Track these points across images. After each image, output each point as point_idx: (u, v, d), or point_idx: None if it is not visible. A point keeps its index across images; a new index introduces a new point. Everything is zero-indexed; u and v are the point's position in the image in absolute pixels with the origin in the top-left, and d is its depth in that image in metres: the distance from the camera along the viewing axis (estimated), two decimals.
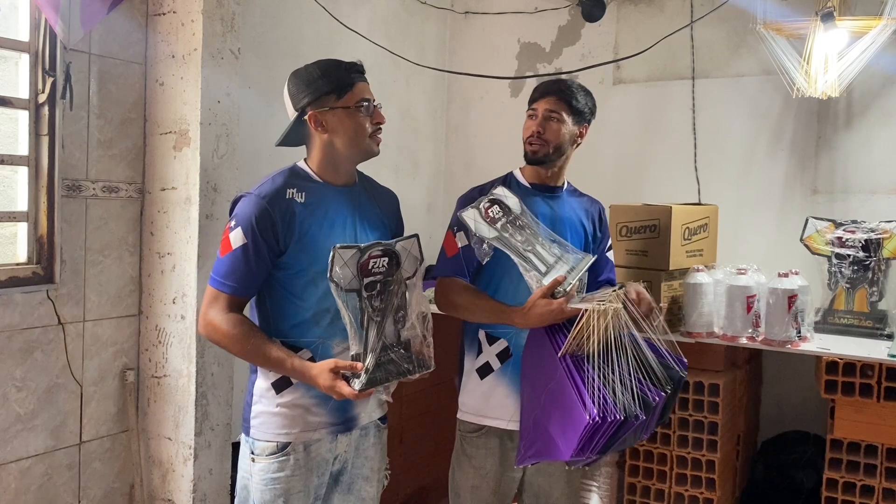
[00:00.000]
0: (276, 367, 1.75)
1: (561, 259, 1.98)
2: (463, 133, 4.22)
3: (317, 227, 1.80)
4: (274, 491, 1.81)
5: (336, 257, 1.65)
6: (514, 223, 2.02)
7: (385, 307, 1.72)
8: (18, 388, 2.39)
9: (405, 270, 1.76)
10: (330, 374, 1.67)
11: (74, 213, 2.50)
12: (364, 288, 1.69)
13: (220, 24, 2.62)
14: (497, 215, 2.02)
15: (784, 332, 2.50)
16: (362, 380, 1.65)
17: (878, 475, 2.45)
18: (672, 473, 2.73)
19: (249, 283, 1.78)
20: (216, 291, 1.78)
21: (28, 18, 2.38)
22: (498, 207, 2.03)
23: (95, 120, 2.55)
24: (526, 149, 2.15)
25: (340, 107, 1.81)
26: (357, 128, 1.83)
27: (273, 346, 1.75)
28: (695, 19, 3.33)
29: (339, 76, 1.82)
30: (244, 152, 2.77)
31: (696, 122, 3.52)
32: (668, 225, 2.71)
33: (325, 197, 1.85)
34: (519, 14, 3.96)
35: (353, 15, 3.41)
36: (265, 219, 1.76)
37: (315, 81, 1.81)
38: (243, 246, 1.76)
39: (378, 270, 1.71)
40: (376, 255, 1.71)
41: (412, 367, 1.74)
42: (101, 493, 2.64)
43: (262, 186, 1.82)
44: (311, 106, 1.81)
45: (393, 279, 1.73)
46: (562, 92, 2.11)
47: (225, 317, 1.76)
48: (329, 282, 1.65)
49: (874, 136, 3.16)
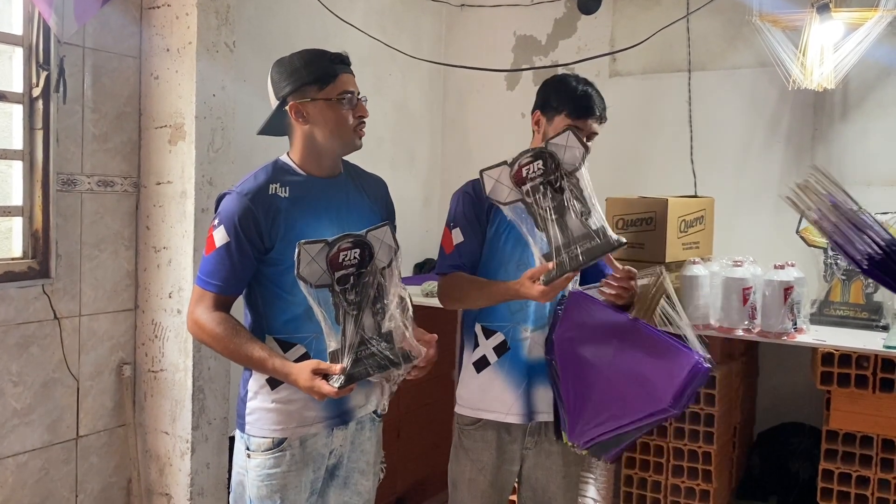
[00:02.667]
0: (258, 366, 1.74)
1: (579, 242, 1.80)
2: (459, 126, 4.22)
3: (303, 222, 1.79)
4: (270, 486, 1.81)
5: (302, 254, 1.61)
6: (553, 183, 1.82)
7: (361, 300, 1.67)
8: (15, 383, 2.39)
9: (379, 260, 1.70)
10: (309, 374, 1.64)
11: (69, 207, 2.50)
12: (336, 282, 1.64)
13: (215, 17, 2.61)
14: (534, 174, 1.82)
15: (780, 323, 2.50)
16: (342, 377, 1.62)
17: (874, 466, 2.46)
18: (669, 465, 2.73)
19: (234, 281, 1.78)
20: (202, 290, 1.78)
21: (22, 12, 2.37)
22: (541, 164, 1.82)
23: (90, 114, 2.54)
24: None
25: (322, 98, 1.78)
26: (338, 120, 1.81)
27: (255, 346, 1.73)
28: (691, 11, 3.33)
29: (321, 66, 1.78)
30: (239, 146, 2.76)
31: (693, 115, 3.51)
32: (665, 217, 2.71)
33: (310, 190, 1.83)
34: (515, 6, 3.95)
35: (348, 8, 3.39)
36: (248, 217, 1.75)
37: (297, 71, 1.78)
38: (226, 245, 1.75)
39: (350, 263, 1.66)
40: (346, 247, 1.65)
41: (396, 359, 1.68)
42: (99, 488, 2.64)
43: (245, 184, 1.80)
44: (292, 96, 1.79)
45: (367, 270, 1.68)
46: (602, 114, 2.10)
47: (210, 315, 1.76)
48: (298, 280, 1.61)
49: (870, 127, 3.16)
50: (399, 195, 2.12)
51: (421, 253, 4.06)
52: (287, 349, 1.79)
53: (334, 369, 1.63)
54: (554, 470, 2.17)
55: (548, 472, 2.17)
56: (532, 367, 2.08)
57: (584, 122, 2.05)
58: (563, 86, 2.12)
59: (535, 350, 2.08)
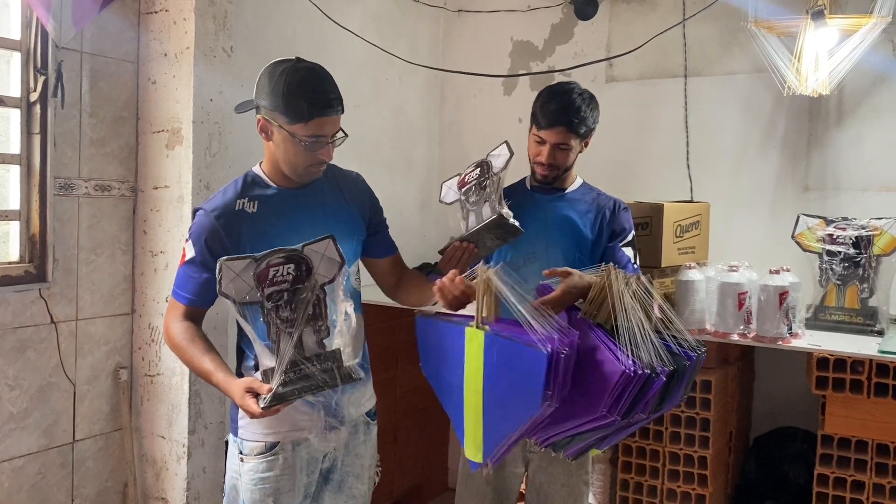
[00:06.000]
0: (206, 378, 1.75)
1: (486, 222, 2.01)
2: (456, 131, 4.22)
3: (274, 234, 1.77)
4: (263, 490, 1.81)
5: (224, 270, 1.57)
6: (479, 184, 2.07)
7: (296, 317, 1.60)
8: (11, 387, 2.38)
9: (320, 276, 1.64)
10: (242, 392, 1.62)
11: (67, 211, 2.50)
12: (267, 299, 1.59)
13: (213, 22, 2.62)
14: (471, 179, 2.11)
15: (775, 328, 2.51)
16: (267, 397, 1.57)
17: (869, 470, 2.47)
18: (664, 470, 2.74)
19: (202, 294, 1.80)
20: (173, 300, 1.84)
21: (19, 17, 2.37)
22: (479, 171, 2.10)
23: (87, 118, 2.54)
24: (535, 170, 2.21)
25: (287, 131, 1.75)
26: (294, 156, 1.78)
27: (206, 358, 1.73)
28: (687, 17, 3.34)
29: (297, 106, 1.72)
30: (236, 151, 2.77)
31: (689, 120, 3.53)
32: (660, 222, 2.72)
33: (280, 202, 1.83)
34: (512, 12, 3.96)
35: (345, 13, 3.40)
36: (213, 234, 1.78)
37: (276, 94, 1.73)
38: (192, 259, 1.79)
39: (282, 279, 1.60)
40: (276, 262, 1.60)
41: (333, 380, 1.62)
42: (95, 492, 2.63)
43: (213, 200, 1.83)
44: (263, 111, 1.78)
45: (303, 286, 1.62)
46: (571, 123, 2.10)
47: (177, 325, 1.80)
48: (220, 297, 1.59)
49: (865, 133, 3.17)
50: (396, 199, 2.13)
51: (418, 257, 4.06)
52: None
53: (262, 389, 1.59)
54: (555, 476, 2.17)
55: (550, 478, 2.17)
56: None
57: (549, 131, 2.12)
58: (541, 95, 2.19)
59: None
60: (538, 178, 2.22)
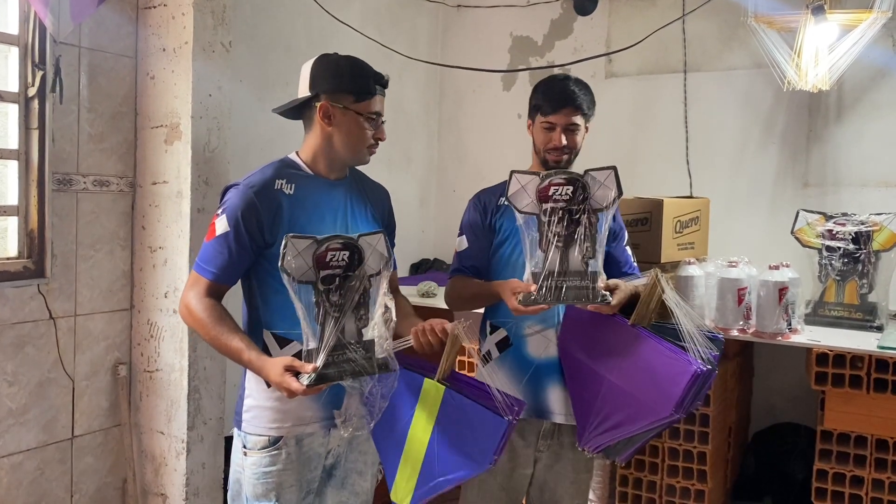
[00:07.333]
0: (235, 356, 1.74)
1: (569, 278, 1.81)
2: (455, 126, 4.22)
3: (305, 219, 1.81)
4: (266, 485, 1.81)
5: (289, 246, 1.61)
6: (572, 213, 1.81)
7: (344, 303, 1.65)
8: (10, 382, 2.38)
9: (369, 267, 1.68)
10: (281, 369, 1.63)
11: (65, 207, 2.49)
12: (320, 281, 1.63)
13: (211, 17, 2.61)
14: (559, 197, 1.82)
15: (775, 324, 2.51)
16: (313, 376, 1.61)
17: (868, 466, 2.47)
18: (664, 465, 2.74)
19: (229, 271, 1.79)
20: (197, 275, 1.80)
21: (17, 11, 2.36)
22: (570, 191, 1.81)
23: (86, 114, 2.53)
24: (548, 158, 2.15)
25: (353, 110, 1.81)
26: (360, 135, 1.84)
27: (235, 336, 1.73)
28: (686, 12, 3.34)
29: (364, 82, 1.82)
30: (235, 146, 2.76)
31: (688, 116, 3.52)
32: (660, 218, 2.71)
33: (315, 189, 1.85)
34: (511, 7, 3.96)
35: (344, 8, 3.40)
36: (251, 209, 1.77)
37: (341, 75, 1.81)
38: (225, 234, 1.77)
39: (337, 264, 1.65)
40: (335, 247, 1.64)
41: (371, 368, 1.66)
42: (94, 488, 2.63)
43: (252, 177, 1.83)
44: (327, 96, 1.81)
45: (354, 275, 1.66)
46: (576, 102, 2.10)
47: (200, 301, 1.77)
48: (281, 272, 1.61)
49: (865, 129, 3.17)
50: (395, 196, 2.12)
51: (417, 254, 4.06)
52: (284, 345, 1.79)
53: (306, 367, 1.62)
54: (563, 475, 2.17)
55: (557, 476, 2.17)
56: (539, 364, 2.07)
57: (558, 115, 2.08)
58: (538, 87, 2.17)
59: (543, 348, 2.07)
60: (550, 165, 2.17)
